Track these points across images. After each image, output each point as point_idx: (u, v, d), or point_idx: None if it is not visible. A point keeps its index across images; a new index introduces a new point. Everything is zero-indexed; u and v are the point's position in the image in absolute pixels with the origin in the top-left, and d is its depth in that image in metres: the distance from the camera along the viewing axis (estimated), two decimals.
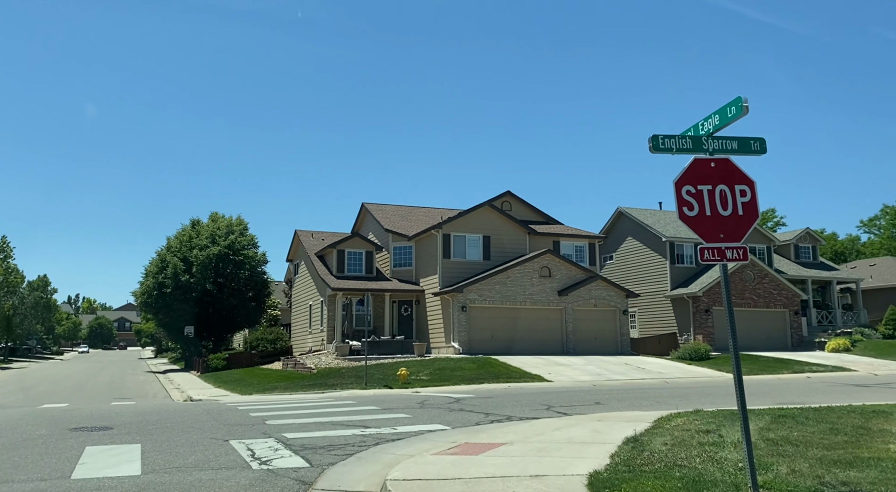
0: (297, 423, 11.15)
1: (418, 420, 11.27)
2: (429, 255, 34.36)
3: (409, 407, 13.62)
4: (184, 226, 47.08)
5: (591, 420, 10.61)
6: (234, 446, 8.62)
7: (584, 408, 13.10)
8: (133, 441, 9.07)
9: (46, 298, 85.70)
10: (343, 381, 23.81)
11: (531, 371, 24.81)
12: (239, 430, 10.28)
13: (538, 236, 34.68)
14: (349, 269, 35.92)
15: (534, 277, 32.14)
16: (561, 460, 7.30)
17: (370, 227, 39.52)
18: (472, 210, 34.10)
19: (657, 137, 5.64)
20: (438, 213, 39.13)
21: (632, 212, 40.85)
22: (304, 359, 32.23)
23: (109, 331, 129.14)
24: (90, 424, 11.30)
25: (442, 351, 31.42)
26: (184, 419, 12.04)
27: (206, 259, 43.43)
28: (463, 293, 30.96)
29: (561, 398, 15.36)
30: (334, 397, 19.22)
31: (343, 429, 10.25)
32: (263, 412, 13.25)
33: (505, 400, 15.14)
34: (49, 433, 10.05)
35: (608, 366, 27.10)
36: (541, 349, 30.86)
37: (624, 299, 33.50)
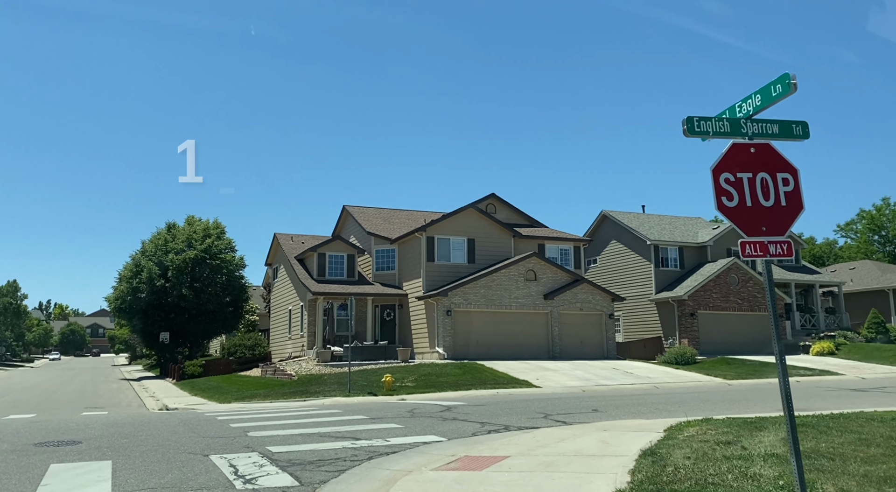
0: (281, 434, 10.44)
1: (411, 431, 10.62)
2: (412, 258, 33.71)
3: (399, 416, 12.96)
4: (159, 229, 45.94)
5: (595, 430, 10.05)
6: (215, 462, 7.91)
7: (583, 416, 12.55)
8: (103, 457, 8.30)
9: (16, 303, 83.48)
10: (325, 388, 23.06)
11: (519, 377, 24.27)
12: (219, 443, 9.55)
13: (523, 239, 34.20)
14: (330, 273, 35.12)
15: (519, 280, 31.64)
16: (575, 477, 6.72)
17: (352, 230, 38.75)
18: (457, 213, 33.53)
19: (692, 120, 5.09)
20: (422, 216, 38.50)
21: (616, 215, 40.59)
22: (284, 365, 31.34)
23: (82, 337, 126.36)
24: (57, 437, 10.47)
25: (426, 356, 30.76)
26: (159, 431, 11.26)
27: (181, 263, 42.33)
28: (447, 297, 30.34)
29: (556, 405, 14.80)
30: (317, 405, 18.48)
31: (332, 441, 9.57)
32: (244, 423, 12.50)
33: (498, 408, 14.55)
34: (10, 449, 9.23)
35: (596, 371, 26.67)
36: (527, 354, 30.35)
37: (610, 303, 33.13)
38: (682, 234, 40.21)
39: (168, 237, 44.26)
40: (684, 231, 40.82)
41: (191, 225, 45.51)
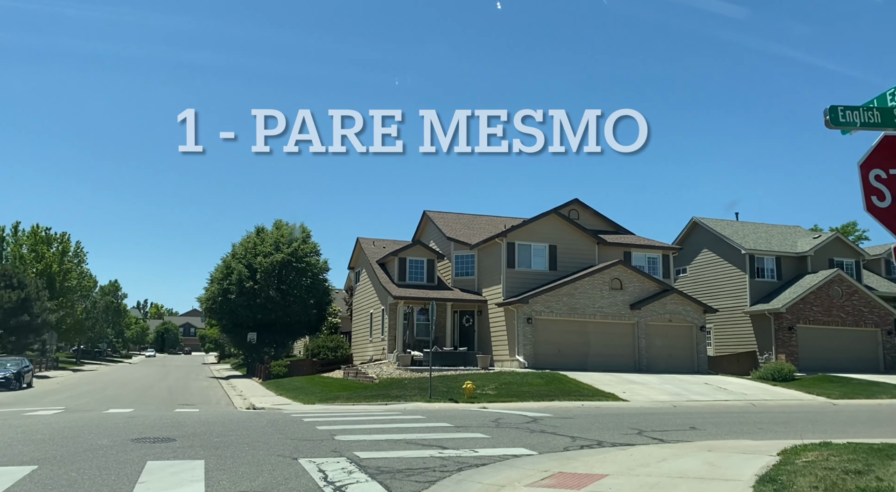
0: (367, 439, 10.31)
1: (499, 442, 10.26)
2: (492, 264, 33.35)
3: (483, 426, 12.62)
4: (249, 233, 47.51)
5: (697, 450, 9.37)
6: (305, 466, 7.81)
7: (680, 434, 11.82)
8: (196, 456, 8.38)
9: (117, 302, 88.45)
10: (406, 393, 23.01)
11: (604, 389, 23.44)
12: (307, 446, 9.50)
13: (608, 247, 33.20)
14: (410, 277, 35.26)
15: (604, 289, 30.69)
16: None
17: (432, 235, 38.82)
18: (538, 218, 32.94)
19: (836, 109, 4.52)
20: (502, 221, 38.11)
21: (707, 222, 38.83)
22: (366, 368, 31.63)
23: (175, 336, 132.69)
24: (153, 434, 10.74)
25: (506, 364, 30.29)
26: (248, 432, 11.37)
27: (269, 266, 43.60)
28: (528, 305, 29.78)
29: (648, 421, 14.07)
30: (399, 409, 18.41)
31: (418, 449, 9.34)
32: (330, 425, 12.48)
33: (586, 421, 13.96)
34: (110, 444, 9.49)
35: (686, 385, 25.44)
36: (611, 366, 29.34)
37: (701, 315, 31.64)
38: (779, 243, 38.02)
39: (257, 241, 45.73)
40: (781, 240, 38.59)
41: (278, 229, 46.86)
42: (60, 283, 57.40)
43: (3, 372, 31.00)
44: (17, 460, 8.01)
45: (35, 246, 57.33)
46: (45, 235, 58.69)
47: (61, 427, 11.90)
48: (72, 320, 60.66)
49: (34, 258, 56.44)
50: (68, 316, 58.86)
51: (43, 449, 8.90)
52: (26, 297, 46.31)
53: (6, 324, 43.83)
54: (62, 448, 9.00)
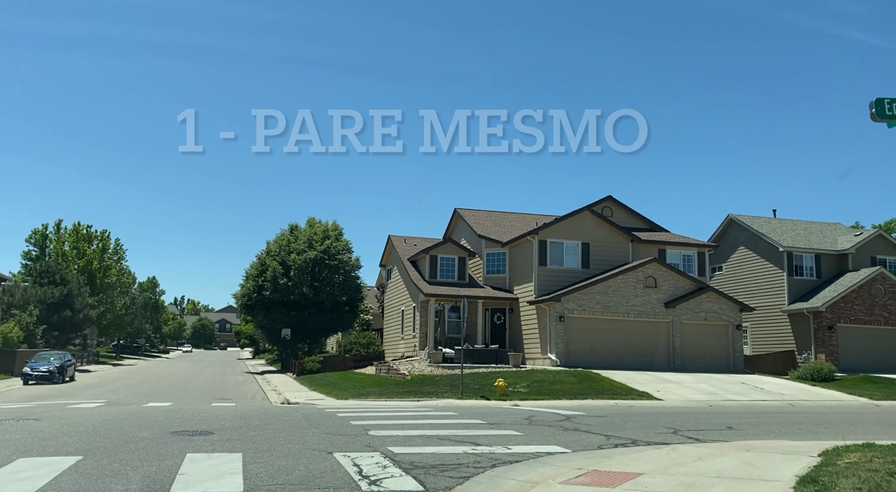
0: (401, 435, 10.38)
1: (532, 440, 10.24)
2: (523, 262, 33.23)
3: (516, 423, 12.60)
4: (283, 230, 48.13)
5: (735, 450, 9.23)
6: (340, 461, 7.91)
7: (717, 433, 11.65)
8: (234, 450, 8.54)
9: (155, 298, 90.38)
10: (438, 389, 23.09)
11: (637, 388, 23.21)
12: (342, 440, 9.60)
13: (642, 244, 32.82)
14: (441, 275, 35.33)
15: (638, 287, 30.35)
16: None
17: (463, 232, 38.84)
18: (571, 216, 32.71)
19: (882, 102, 4.41)
20: (533, 219, 37.95)
21: (744, 219, 38.11)
22: (397, 365, 31.80)
23: (211, 332, 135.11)
24: (191, 427, 10.97)
25: (538, 362, 30.18)
26: (284, 426, 11.54)
27: (303, 263, 44.10)
28: (560, 302, 29.60)
29: (684, 420, 13.89)
30: (431, 406, 18.47)
31: (452, 445, 9.37)
32: (364, 420, 12.60)
33: (620, 420, 13.84)
34: (151, 436, 9.73)
35: (722, 385, 25.04)
36: (645, 364, 29.03)
37: (737, 313, 31.08)
38: (818, 240, 37.14)
39: (291, 238, 46.28)
40: (821, 237, 37.69)
41: (311, 227, 47.36)
42: (101, 279, 58.87)
43: (47, 366, 31.93)
44: (63, 450, 8.26)
45: (77, 243, 58.89)
46: (86, 233, 60.25)
47: (104, 420, 12.22)
48: (112, 316, 62.17)
49: (76, 255, 57.99)
50: (108, 312, 60.33)
51: (87, 440, 9.16)
52: (68, 293, 47.60)
53: (49, 319, 45.10)
54: (105, 440, 9.25)
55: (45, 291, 45.83)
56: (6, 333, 37.90)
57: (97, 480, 6.54)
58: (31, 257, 56.97)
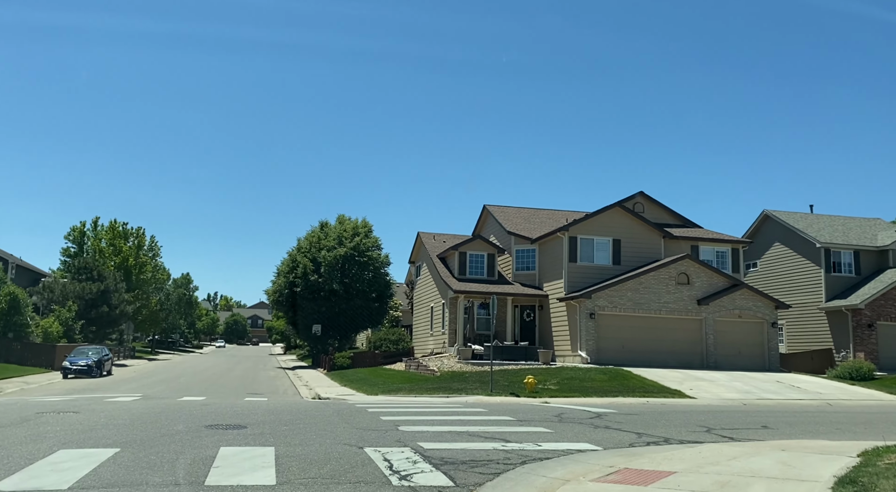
0: (431, 431, 10.41)
1: (562, 437, 10.18)
2: (553, 258, 33.04)
3: (546, 420, 12.55)
4: (313, 227, 48.60)
5: (770, 449, 9.06)
6: (370, 455, 7.95)
7: (751, 432, 11.45)
8: (266, 443, 8.64)
9: (189, 294, 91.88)
10: (467, 386, 23.10)
11: (670, 386, 22.94)
12: (372, 436, 9.66)
13: (674, 240, 32.39)
14: (471, 271, 35.33)
15: (670, 283, 29.96)
16: None
17: (492, 229, 38.77)
18: (601, 212, 32.40)
19: None
20: (563, 215, 37.70)
21: (779, 215, 37.34)
22: (427, 361, 31.90)
23: (243, 327, 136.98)
24: (225, 421, 11.14)
25: (568, 359, 30.00)
26: (315, 420, 11.66)
27: (333, 260, 44.47)
28: (591, 299, 29.37)
29: (717, 419, 13.68)
30: (461, 402, 18.49)
31: (481, 441, 9.37)
32: (394, 416, 12.66)
33: (652, 418, 13.68)
34: (186, 429, 9.90)
35: (757, 383, 24.61)
36: (677, 362, 28.66)
37: (773, 311, 30.49)
38: (857, 236, 36.23)
39: (321, 235, 46.71)
40: (860, 233, 36.75)
41: (341, 224, 47.73)
42: (136, 275, 60.11)
43: (86, 360, 32.74)
44: (102, 442, 8.45)
45: (113, 240, 60.19)
46: (122, 230, 61.54)
47: (140, 413, 12.49)
48: (147, 311, 63.44)
49: (112, 252, 59.28)
50: (144, 307, 61.58)
51: (124, 433, 9.37)
52: (105, 289, 48.71)
53: (87, 314, 46.21)
54: (142, 433, 9.45)
55: (84, 287, 46.96)
56: (46, 328, 38.96)
57: (135, 471, 6.68)
58: (69, 254, 58.43)
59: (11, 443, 8.34)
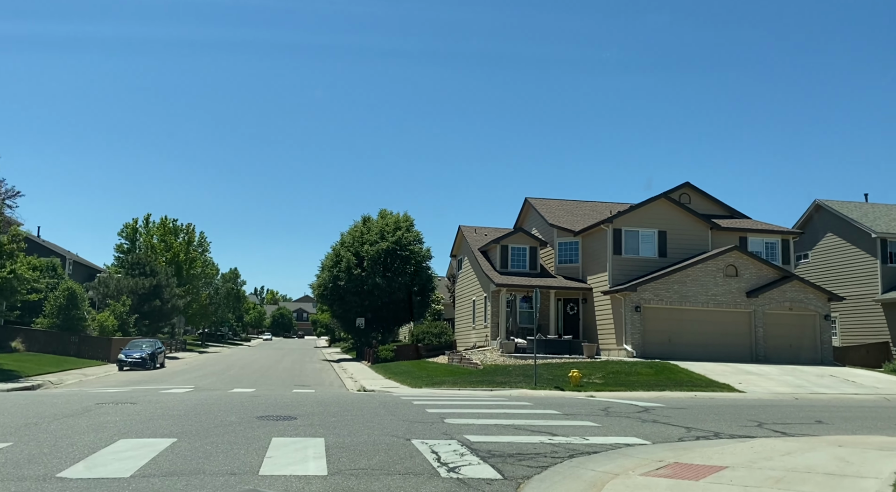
0: (477, 424, 10.46)
1: (609, 431, 10.11)
2: (597, 251, 32.68)
3: (592, 414, 12.47)
4: (356, 222, 49.12)
5: (825, 444, 8.83)
6: (418, 447, 8.05)
7: (805, 427, 11.17)
8: (316, 434, 8.82)
9: (237, 289, 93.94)
10: (511, 379, 23.09)
11: (718, 380, 22.50)
12: (419, 428, 9.77)
13: (721, 232, 31.67)
14: (513, 265, 35.21)
15: (718, 276, 29.33)
16: None
17: (534, 222, 38.54)
18: (646, 203, 31.88)
19: None
20: (607, 207, 37.23)
21: (832, 205, 36.16)
22: (469, 354, 31.97)
23: (289, 321, 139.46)
24: (275, 412, 11.40)
25: (612, 353, 29.69)
26: (362, 412, 11.83)
27: (375, 254, 44.89)
28: (636, 292, 28.97)
29: (768, 413, 13.38)
30: (505, 395, 18.50)
31: (528, 435, 9.38)
32: (439, 409, 12.76)
33: (701, 412, 13.46)
34: (238, 420, 10.17)
35: (809, 377, 23.94)
36: (725, 356, 28.05)
37: (825, 303, 29.59)
38: None
39: (364, 229, 47.18)
40: None
41: (383, 218, 48.11)
42: (187, 270, 61.73)
43: (140, 353, 33.82)
44: (159, 432, 8.76)
45: (164, 236, 61.91)
46: (172, 226, 63.24)
47: (194, 404, 12.87)
48: (197, 306, 65.11)
49: (163, 248, 60.99)
50: (194, 302, 63.21)
51: (180, 424, 9.68)
52: (157, 284, 50.18)
53: (140, 309, 47.70)
54: (196, 423, 9.74)
55: (137, 282, 48.46)
56: (102, 322, 40.36)
57: (191, 461, 6.91)
58: (122, 250, 60.31)
59: (75, 432, 8.71)
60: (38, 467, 6.48)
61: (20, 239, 28.21)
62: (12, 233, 28.31)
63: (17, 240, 27.21)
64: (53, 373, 27.62)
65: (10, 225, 31.51)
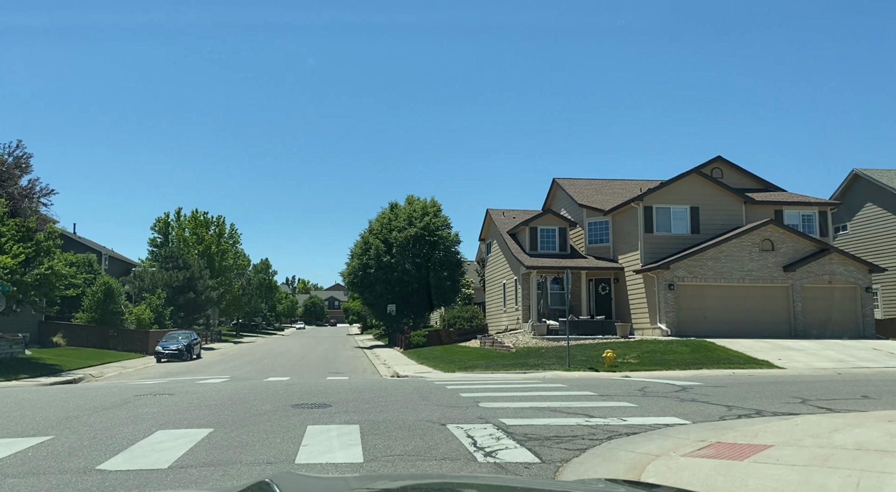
0: (511, 407, 10.35)
1: (647, 411, 9.92)
2: (628, 230, 32.21)
3: (629, 395, 12.27)
4: (383, 209, 49.22)
5: (875, 420, 8.52)
6: (453, 432, 7.97)
7: (851, 403, 10.84)
8: (351, 421, 8.80)
9: (268, 279, 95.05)
10: (544, 361, 22.95)
11: (756, 356, 22.08)
12: (454, 413, 9.69)
13: (756, 205, 30.95)
14: (542, 246, 34.90)
15: (753, 251, 28.70)
16: (866, 476, 5.62)
17: (562, 202, 38.11)
18: (677, 179, 31.27)
19: None
20: (636, 185, 36.62)
21: (871, 174, 35.08)
22: (502, 338, 31.88)
23: (321, 309, 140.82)
24: (310, 400, 11.43)
25: (646, 333, 29.33)
26: (396, 398, 11.81)
27: (403, 240, 44.93)
28: (669, 270, 28.51)
29: (811, 389, 13.04)
30: (538, 378, 18.37)
31: (564, 417, 9.24)
32: (473, 393, 12.68)
33: (741, 390, 13.18)
34: (273, 409, 10.21)
35: (851, 351, 23.37)
36: (763, 332, 27.53)
37: (866, 275, 28.79)
38: None
39: (391, 216, 47.23)
40: None
41: (410, 204, 48.08)
42: (219, 262, 62.58)
43: (177, 345, 34.42)
44: (197, 423, 8.82)
45: (195, 229, 62.79)
46: (203, 219, 64.09)
47: (230, 394, 12.98)
48: (230, 297, 66.05)
49: (195, 241, 61.88)
50: (227, 293, 64.13)
51: (216, 414, 9.74)
52: (191, 276, 50.97)
53: (175, 301, 48.52)
54: (232, 413, 9.80)
55: (171, 275, 49.28)
56: (139, 315, 41.15)
57: (228, 450, 6.92)
58: (156, 244, 61.36)
59: (115, 424, 8.81)
60: (79, 459, 6.54)
61: (56, 236, 28.80)
62: (48, 230, 28.92)
63: (53, 237, 27.79)
64: (94, 366, 28.26)
65: (46, 223, 32.19)
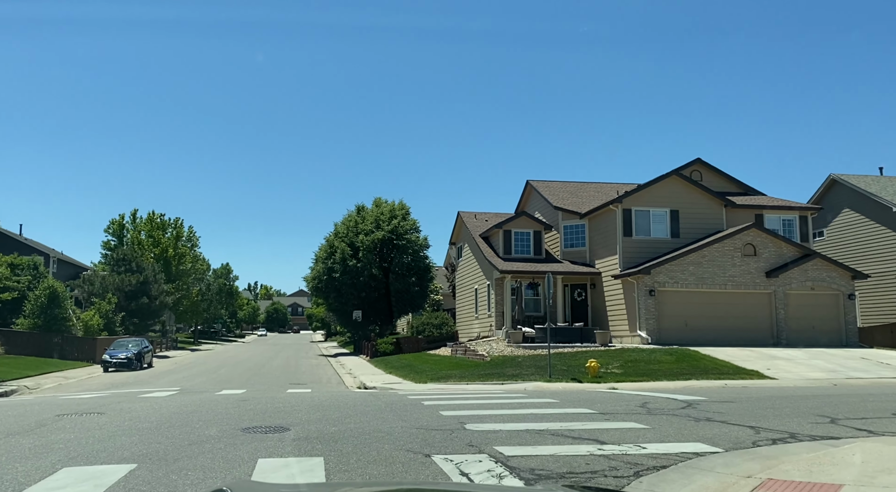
0: (504, 429, 8.78)
1: (664, 435, 8.45)
2: (605, 233, 31.05)
3: (631, 412, 10.83)
4: (350, 212, 47.35)
5: None
6: (442, 467, 6.37)
7: (886, 422, 9.56)
8: (313, 452, 7.13)
9: (229, 284, 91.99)
10: (522, 371, 21.49)
11: (744, 366, 20.99)
12: (437, 437, 8.08)
13: (736, 209, 30.08)
14: (516, 250, 33.56)
15: (735, 256, 27.75)
16: None
17: (537, 205, 36.85)
18: (656, 181, 30.23)
19: None
20: (612, 188, 35.60)
21: (848, 179, 34.62)
22: (474, 345, 30.35)
23: (284, 315, 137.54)
24: (265, 422, 9.68)
25: (626, 340, 28.12)
26: (367, 417, 10.14)
27: (371, 244, 43.17)
28: (650, 275, 27.37)
29: (830, 406, 11.77)
30: (520, 390, 16.87)
31: (570, 443, 7.71)
32: (455, 410, 11.08)
33: (751, 406, 11.85)
34: (219, 435, 8.45)
35: (839, 361, 22.45)
36: (745, 340, 26.56)
37: (849, 281, 28.07)
38: None
39: (358, 219, 45.40)
40: None
41: (378, 207, 46.33)
42: (176, 266, 59.78)
43: (126, 353, 32.05)
44: (117, 455, 7.04)
45: (152, 232, 59.92)
46: (160, 221, 61.23)
47: (171, 413, 11.16)
48: (188, 302, 63.20)
49: (151, 243, 59.02)
50: (185, 298, 61.31)
51: (146, 441, 7.96)
52: (145, 280, 48.28)
53: (128, 307, 45.82)
54: (167, 440, 8.02)
55: (123, 278, 46.56)
56: (87, 321, 38.52)
57: None
58: (109, 247, 58.32)
59: (11, 458, 6.98)
60: None
61: None
62: None
63: None
64: (31, 377, 25.84)
65: None
